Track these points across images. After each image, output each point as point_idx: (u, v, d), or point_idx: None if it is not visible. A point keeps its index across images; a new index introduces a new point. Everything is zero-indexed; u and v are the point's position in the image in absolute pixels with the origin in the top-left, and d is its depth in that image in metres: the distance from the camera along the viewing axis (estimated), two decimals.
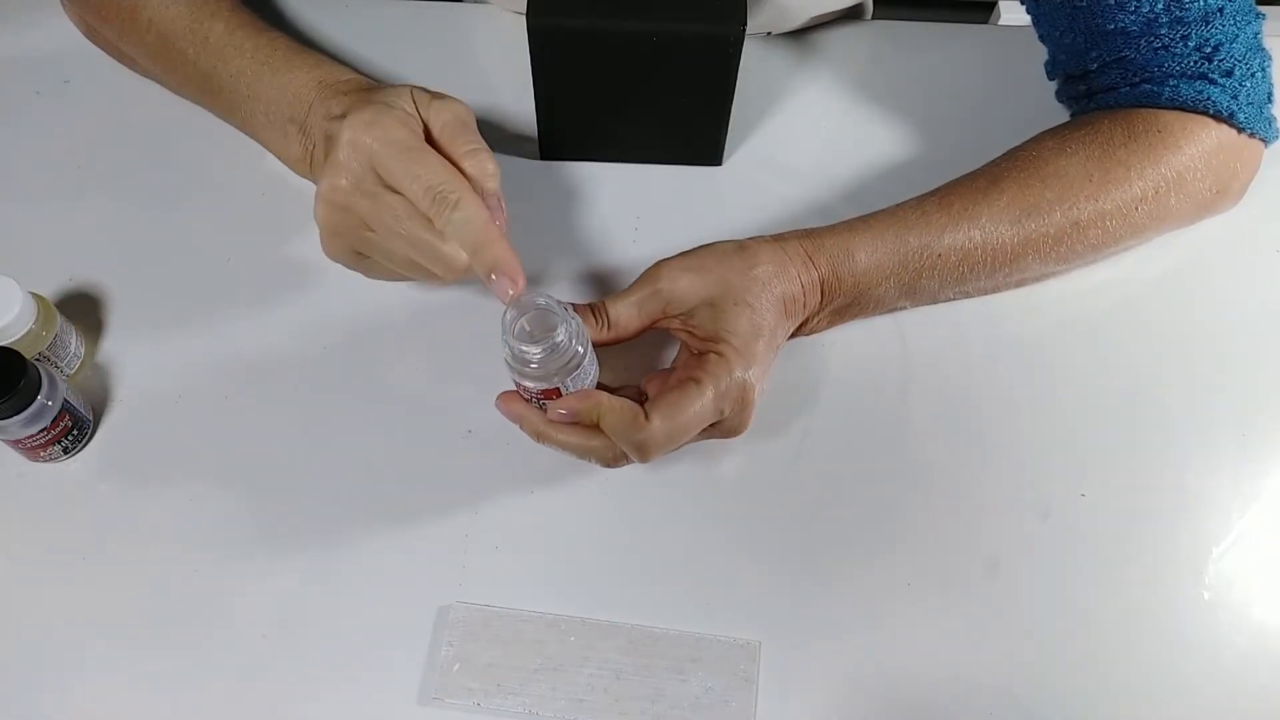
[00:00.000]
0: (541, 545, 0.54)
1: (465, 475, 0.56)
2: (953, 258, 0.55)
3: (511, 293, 0.48)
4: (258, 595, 0.53)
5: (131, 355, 0.60)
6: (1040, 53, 0.62)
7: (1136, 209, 0.56)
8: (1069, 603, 0.53)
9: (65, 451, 0.56)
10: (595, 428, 0.50)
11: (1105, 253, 0.59)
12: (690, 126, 0.63)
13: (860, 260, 0.55)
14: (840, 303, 0.56)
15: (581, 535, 0.55)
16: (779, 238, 0.55)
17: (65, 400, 0.53)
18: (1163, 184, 0.56)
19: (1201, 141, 0.56)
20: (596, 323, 0.53)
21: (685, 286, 0.52)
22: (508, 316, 0.48)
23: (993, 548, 0.54)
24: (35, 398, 0.51)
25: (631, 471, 0.56)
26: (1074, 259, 0.58)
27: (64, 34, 0.69)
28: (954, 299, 0.60)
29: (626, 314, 0.53)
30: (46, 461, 0.56)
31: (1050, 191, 0.56)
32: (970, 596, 0.53)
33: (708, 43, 0.56)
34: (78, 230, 0.63)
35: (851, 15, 0.72)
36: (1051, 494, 0.55)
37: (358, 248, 0.52)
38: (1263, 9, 0.56)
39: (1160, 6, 0.54)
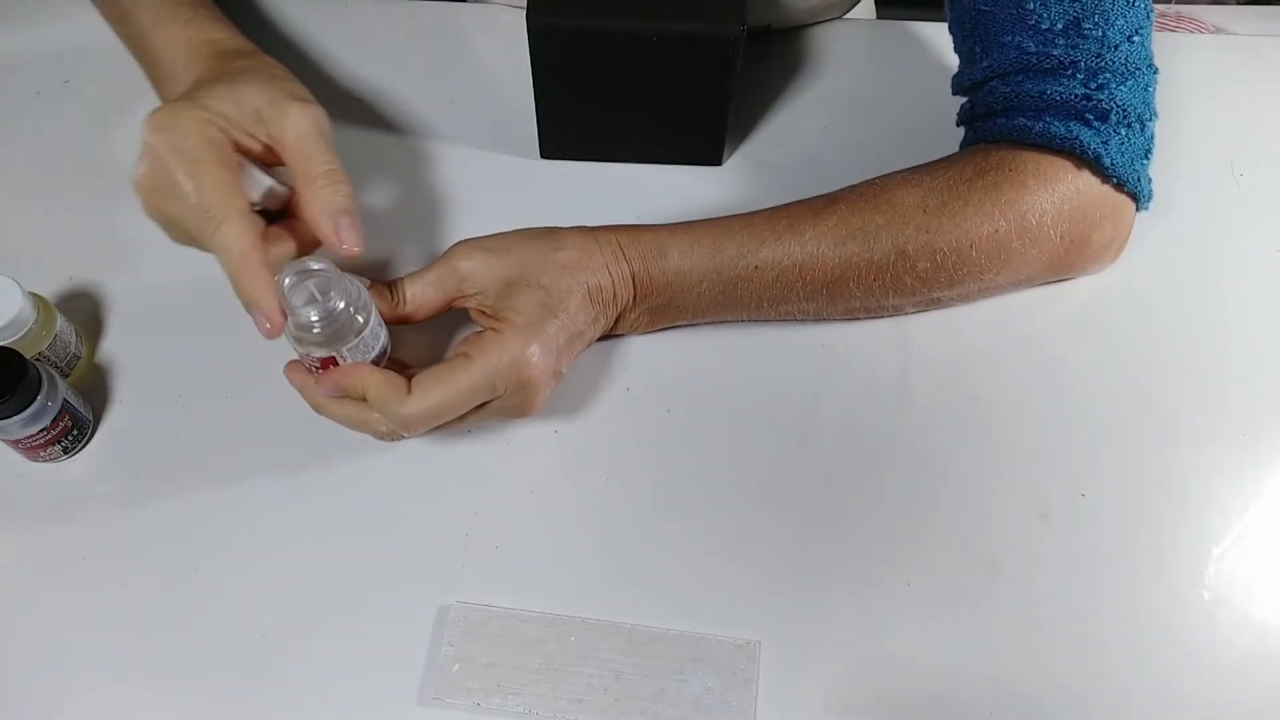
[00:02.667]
0: (541, 545, 0.54)
1: (465, 475, 0.56)
2: (770, 272, 0.54)
3: (269, 327, 0.48)
4: (258, 595, 0.53)
5: (131, 355, 0.60)
6: None
7: (971, 248, 0.54)
8: (1069, 602, 0.53)
9: (65, 451, 0.56)
10: (364, 401, 0.50)
11: (943, 291, 0.57)
12: (690, 126, 0.64)
13: (673, 260, 0.54)
14: (655, 302, 0.55)
15: (581, 535, 0.55)
16: (594, 229, 0.55)
17: (65, 400, 0.53)
18: (1003, 223, 0.54)
19: (1055, 185, 0.54)
20: (392, 299, 0.52)
21: (481, 265, 0.52)
22: (284, 282, 0.47)
23: (993, 548, 0.54)
24: (35, 398, 0.51)
25: (631, 471, 0.56)
26: (905, 293, 0.56)
27: (64, 34, 0.69)
28: (780, 319, 0.59)
29: (422, 292, 0.53)
30: (46, 461, 0.56)
31: (880, 216, 0.54)
32: (970, 596, 0.53)
33: (708, 43, 0.56)
34: (78, 230, 0.63)
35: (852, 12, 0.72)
36: (1051, 494, 0.55)
37: (188, 240, 0.50)
38: (1263, 9, 0.56)
39: (1059, 28, 0.52)
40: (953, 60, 0.61)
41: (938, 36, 0.72)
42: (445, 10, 0.73)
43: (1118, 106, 0.53)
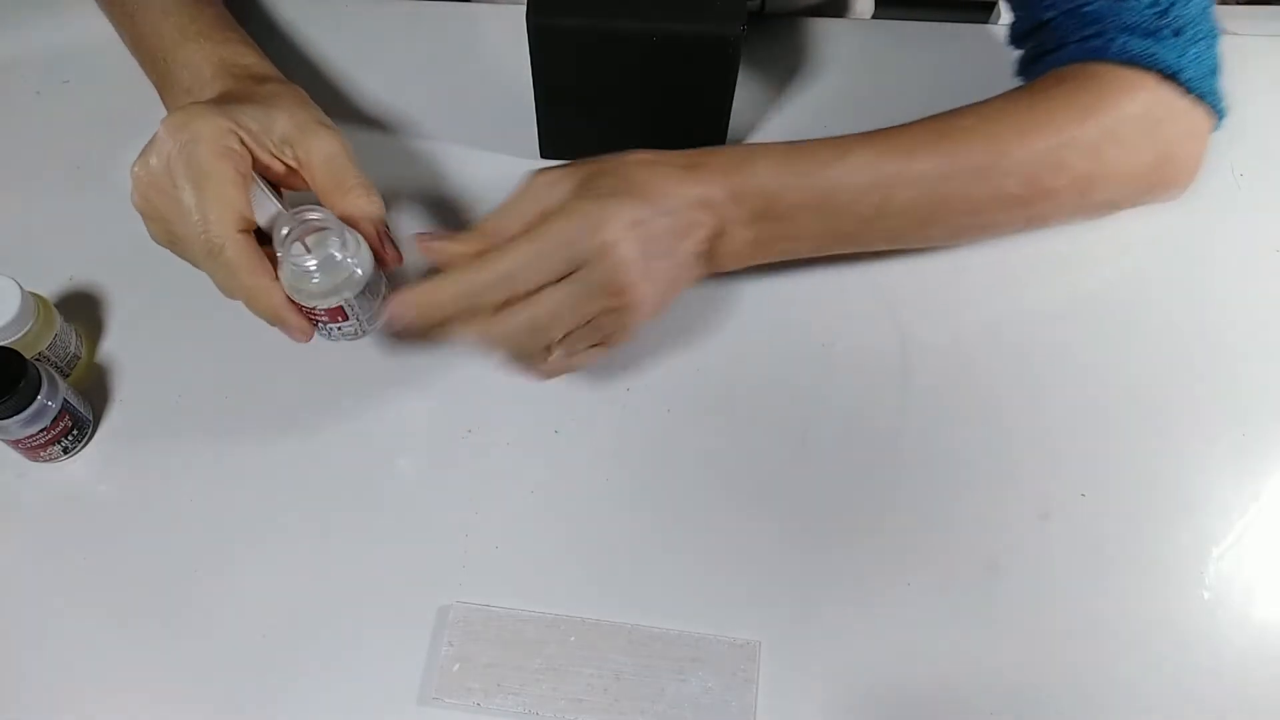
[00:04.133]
0: (541, 545, 0.54)
1: (465, 475, 0.56)
2: (866, 173, 0.52)
3: (302, 335, 0.48)
4: (258, 595, 0.53)
5: (131, 355, 0.60)
6: None
7: (1063, 147, 0.54)
8: (1069, 602, 0.53)
9: (65, 451, 0.55)
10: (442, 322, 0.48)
11: (1041, 204, 0.56)
12: (690, 127, 0.63)
13: (760, 163, 0.52)
14: (754, 205, 0.52)
15: (581, 535, 0.55)
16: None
17: (65, 400, 0.53)
18: (1093, 126, 0.54)
19: (1137, 95, 0.54)
20: (471, 241, 0.49)
21: (558, 171, 0.50)
22: (282, 231, 0.47)
23: (993, 548, 0.54)
24: (35, 398, 0.51)
25: (631, 471, 0.56)
26: (1006, 204, 0.55)
27: (64, 34, 0.69)
28: (884, 244, 0.57)
29: (503, 219, 0.50)
30: (46, 461, 0.56)
31: (967, 119, 0.54)
32: (970, 596, 0.53)
33: (708, 43, 0.56)
34: (78, 230, 0.63)
35: (834, 11, 0.72)
36: (1051, 494, 0.55)
37: (170, 241, 0.50)
38: (1263, 9, 0.56)
39: None
40: (951, 60, 0.61)
41: (937, 36, 0.72)
42: (445, 10, 0.73)
43: (1190, 23, 0.53)
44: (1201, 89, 0.55)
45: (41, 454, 0.55)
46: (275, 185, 0.52)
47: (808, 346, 0.60)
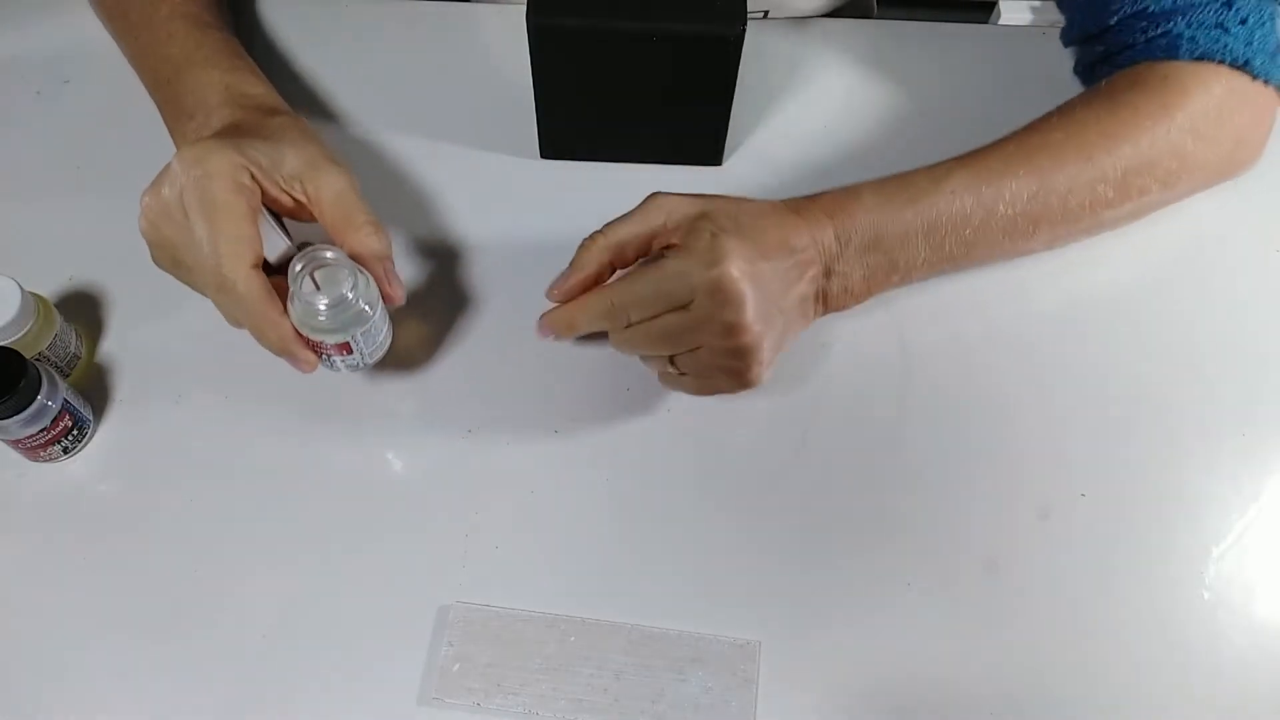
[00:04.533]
0: (541, 545, 0.54)
1: (465, 475, 0.56)
2: (967, 197, 0.54)
3: (308, 366, 0.51)
4: (258, 595, 0.53)
5: (131, 355, 0.60)
6: (1040, 54, 0.63)
7: (1152, 147, 0.56)
8: (1068, 603, 0.53)
9: (65, 451, 0.56)
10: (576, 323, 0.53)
11: (1134, 201, 0.57)
12: (690, 126, 0.63)
13: (865, 197, 0.54)
14: (861, 240, 0.53)
15: (581, 535, 0.55)
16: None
17: (65, 400, 0.53)
18: (1174, 126, 0.56)
19: (1211, 89, 0.56)
20: (597, 255, 0.53)
21: (678, 200, 0.52)
22: (295, 268, 0.49)
23: (992, 548, 0.54)
24: (35, 398, 0.51)
25: (631, 471, 0.56)
26: (1101, 205, 0.56)
27: (64, 34, 0.69)
28: (994, 258, 0.59)
29: (626, 231, 0.53)
30: (46, 461, 0.56)
31: (1057, 133, 0.56)
32: (970, 596, 0.53)
33: (708, 43, 0.56)
34: (78, 230, 0.63)
35: (855, 11, 0.72)
36: (1051, 494, 0.55)
37: (175, 267, 0.51)
38: None
39: None
40: (951, 60, 0.61)
41: (938, 36, 0.72)
42: (445, 10, 0.73)
43: (1253, 10, 0.55)
44: (1268, 72, 0.56)
45: (41, 454, 0.55)
46: (280, 218, 0.53)
47: (808, 346, 0.59)
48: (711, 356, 0.51)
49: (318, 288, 0.50)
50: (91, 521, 0.55)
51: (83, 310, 0.61)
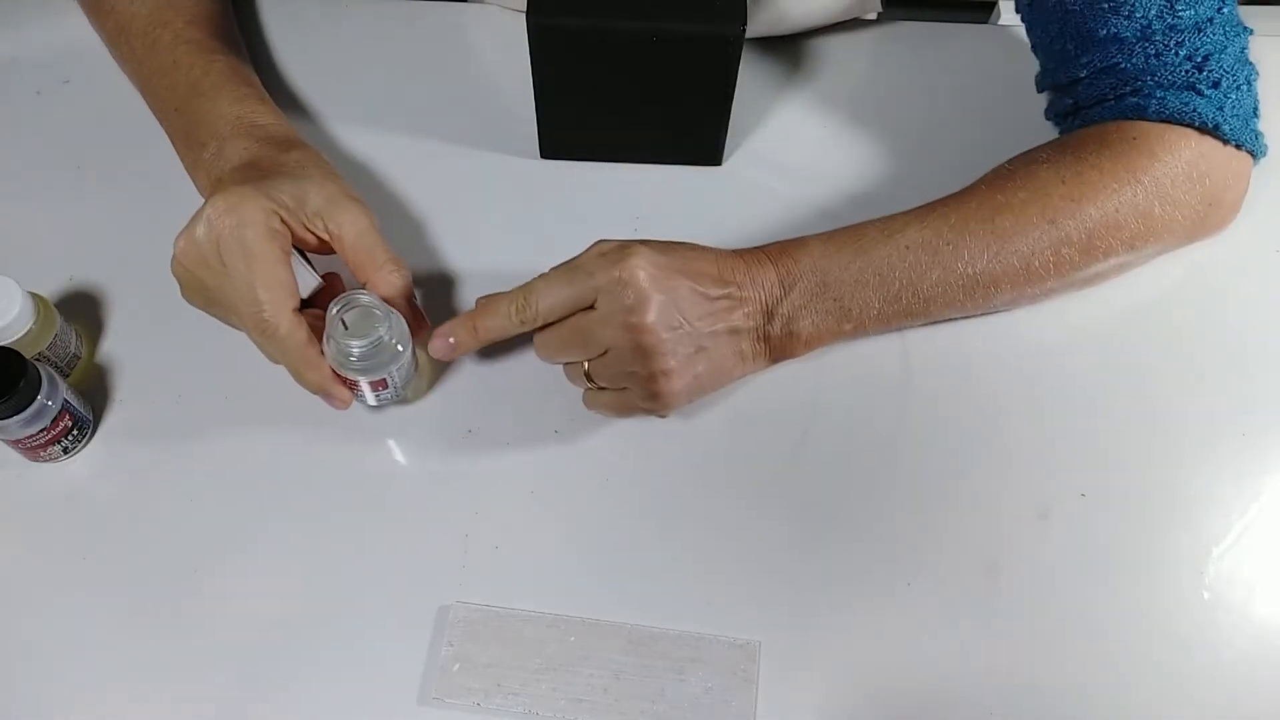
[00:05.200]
0: (541, 545, 0.54)
1: (465, 475, 0.56)
2: (922, 253, 0.54)
3: (341, 405, 0.53)
4: (258, 595, 0.53)
5: (131, 355, 0.60)
6: None
7: (1117, 212, 0.55)
8: (1069, 603, 0.53)
9: (65, 451, 0.56)
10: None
11: (1099, 264, 0.57)
12: (690, 126, 0.63)
13: (812, 245, 0.54)
14: (806, 285, 0.53)
15: (581, 535, 0.55)
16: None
17: (65, 400, 0.53)
18: (1141, 190, 0.55)
19: (1179, 152, 0.55)
20: (521, 311, 0.52)
21: (609, 246, 0.52)
22: (332, 311, 0.51)
23: (993, 548, 0.54)
24: (35, 398, 0.51)
25: (631, 471, 0.56)
26: (1065, 268, 0.56)
27: (64, 34, 0.69)
28: (946, 316, 0.58)
29: (551, 293, 0.52)
30: (46, 461, 0.56)
31: (1023, 192, 0.55)
32: (970, 596, 0.53)
33: (708, 43, 0.56)
34: (78, 230, 0.63)
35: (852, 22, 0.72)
36: (1051, 494, 0.55)
37: (208, 305, 0.53)
38: (1263, 9, 0.56)
39: (1154, 13, 0.53)
40: (951, 60, 0.61)
41: (938, 37, 0.72)
42: (445, 10, 0.73)
43: (1226, 73, 0.54)
44: (1241, 136, 0.56)
45: (41, 454, 0.55)
46: (305, 253, 0.55)
47: None
48: (619, 361, 0.51)
49: (346, 327, 0.51)
50: (91, 521, 0.55)
51: (83, 310, 0.61)
